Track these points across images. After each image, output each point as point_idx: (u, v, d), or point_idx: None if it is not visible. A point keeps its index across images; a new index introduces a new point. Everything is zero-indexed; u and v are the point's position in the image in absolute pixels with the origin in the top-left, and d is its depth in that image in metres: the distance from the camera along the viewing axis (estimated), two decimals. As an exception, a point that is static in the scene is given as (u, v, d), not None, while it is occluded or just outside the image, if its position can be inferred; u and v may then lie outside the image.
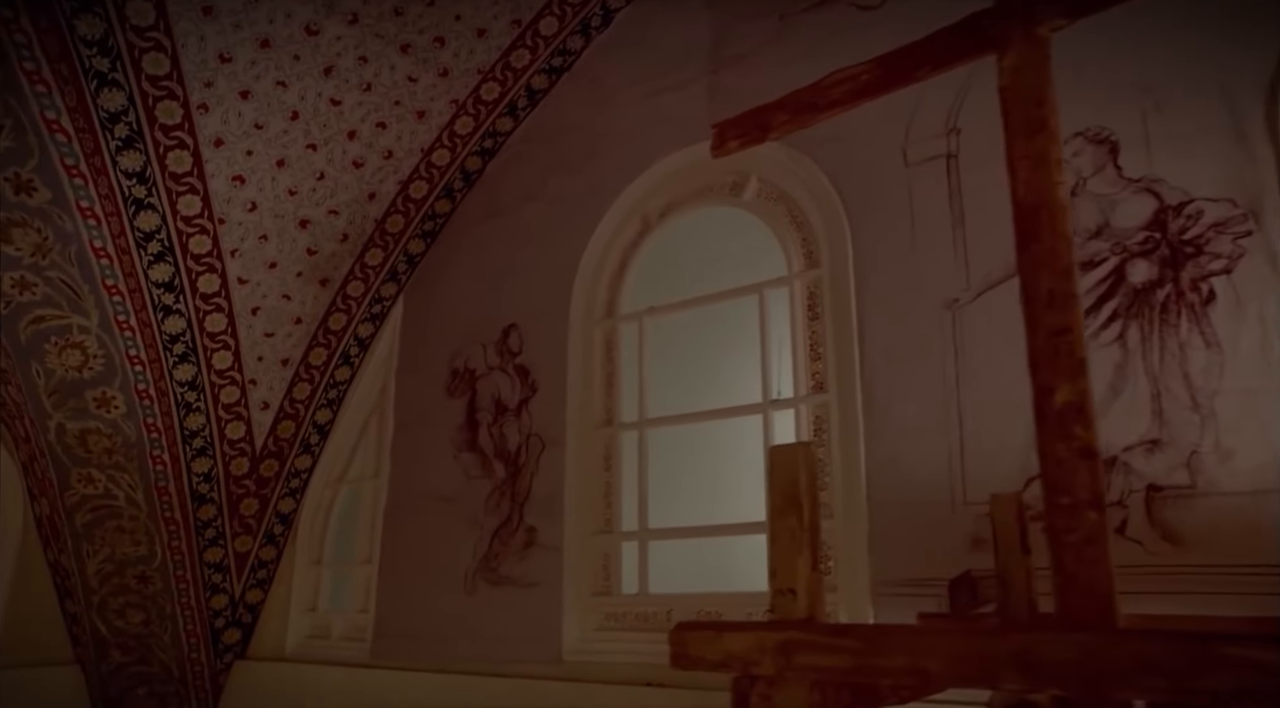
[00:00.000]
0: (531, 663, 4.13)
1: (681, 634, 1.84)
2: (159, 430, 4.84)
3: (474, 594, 4.50)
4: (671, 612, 3.83)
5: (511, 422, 4.60)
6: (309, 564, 5.55)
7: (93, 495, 4.92)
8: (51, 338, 4.43)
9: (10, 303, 4.29)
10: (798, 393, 3.67)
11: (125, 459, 4.84)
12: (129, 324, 4.49)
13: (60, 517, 4.99)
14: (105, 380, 4.59)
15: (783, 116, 2.14)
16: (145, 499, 4.97)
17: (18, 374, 4.54)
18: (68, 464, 4.81)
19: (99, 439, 4.75)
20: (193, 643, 5.38)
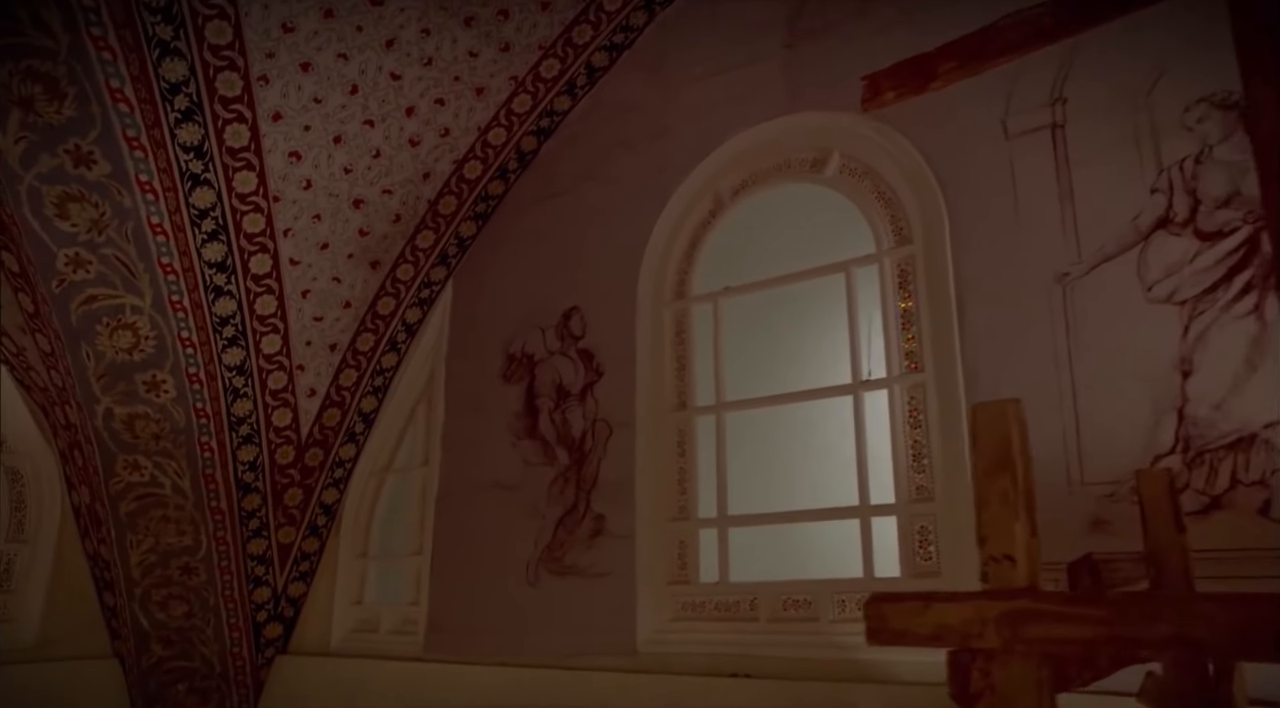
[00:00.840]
0: (603, 656, 4.00)
1: (880, 607, 1.72)
2: (208, 416, 4.69)
3: (537, 585, 4.37)
4: (755, 601, 3.70)
5: (575, 407, 4.47)
6: (354, 557, 5.41)
7: (138, 483, 4.77)
8: (103, 319, 4.28)
9: (64, 281, 4.13)
10: (891, 373, 3.55)
11: (173, 445, 4.68)
12: (182, 305, 4.34)
13: (103, 506, 4.83)
14: (156, 363, 4.44)
15: (949, 64, 2.01)
16: (192, 487, 4.81)
17: (66, 357, 4.38)
18: (114, 450, 4.66)
19: (147, 424, 4.60)
20: (235, 637, 5.23)
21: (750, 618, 3.69)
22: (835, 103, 3.93)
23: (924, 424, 3.43)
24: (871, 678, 3.25)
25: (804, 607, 3.56)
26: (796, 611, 3.57)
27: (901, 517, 3.41)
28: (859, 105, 3.82)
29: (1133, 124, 3.09)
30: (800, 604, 3.57)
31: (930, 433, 3.39)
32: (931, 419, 3.40)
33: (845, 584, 3.48)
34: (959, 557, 3.21)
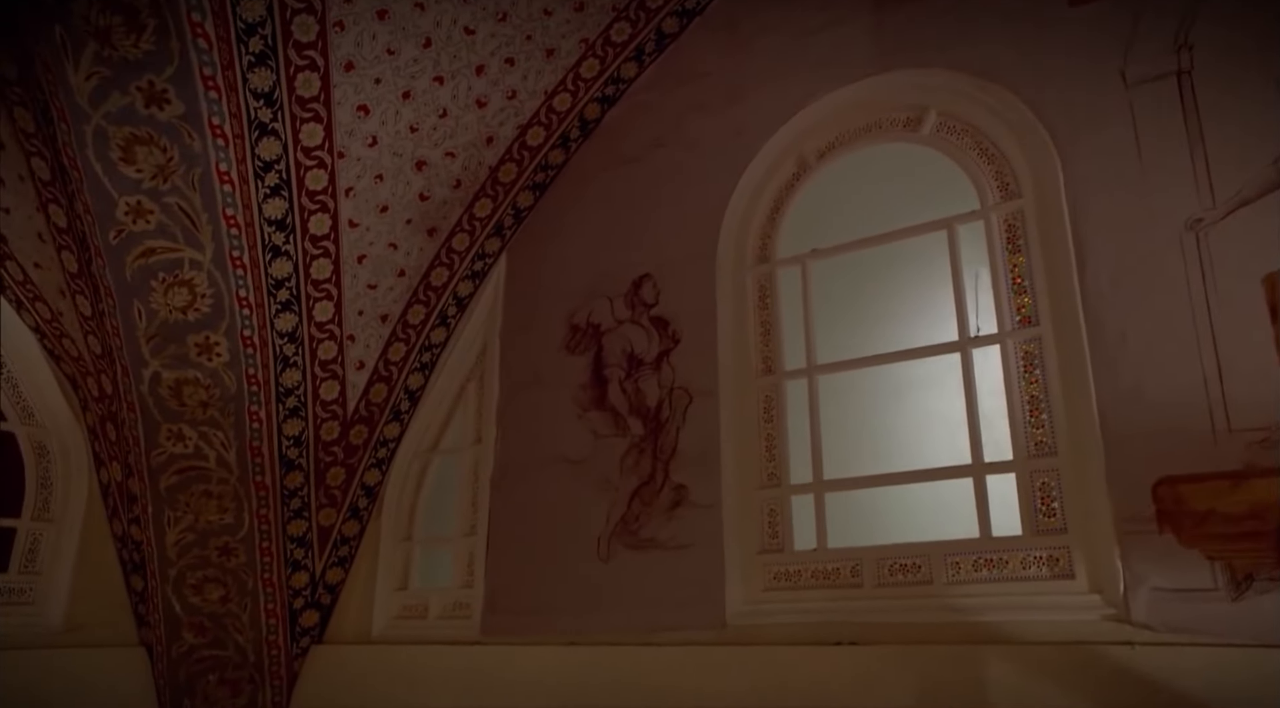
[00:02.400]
0: (688, 630, 3.82)
1: (1175, 488, 1.61)
2: (259, 383, 4.47)
3: (610, 561, 4.18)
4: (858, 566, 3.54)
5: (649, 376, 4.31)
6: (397, 541, 5.17)
7: (181, 455, 4.52)
8: (159, 274, 4.06)
9: (122, 232, 3.91)
10: (1003, 328, 3.45)
11: (221, 414, 4.45)
12: (242, 262, 4.14)
13: (141, 480, 4.57)
14: (210, 324, 4.22)
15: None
16: (237, 461, 4.58)
17: (115, 316, 4.15)
18: (158, 419, 4.41)
19: (195, 391, 4.36)
20: (272, 624, 4.98)
21: (853, 584, 3.53)
22: (930, 61, 3.86)
23: (1041, 379, 3.32)
24: (997, 639, 3.11)
25: (914, 571, 3.41)
26: (905, 575, 3.43)
27: (1021, 473, 3.28)
28: (955, 62, 3.78)
29: (1268, 65, 3.03)
30: (909, 568, 3.42)
31: (1049, 387, 3.28)
32: (1050, 373, 3.29)
33: (960, 545, 3.34)
34: (1087, 511, 3.09)
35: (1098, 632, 2.93)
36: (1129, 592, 2.91)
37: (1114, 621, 2.92)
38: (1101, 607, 2.96)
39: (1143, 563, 2.90)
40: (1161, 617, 2.83)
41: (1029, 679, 2.98)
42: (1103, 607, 2.96)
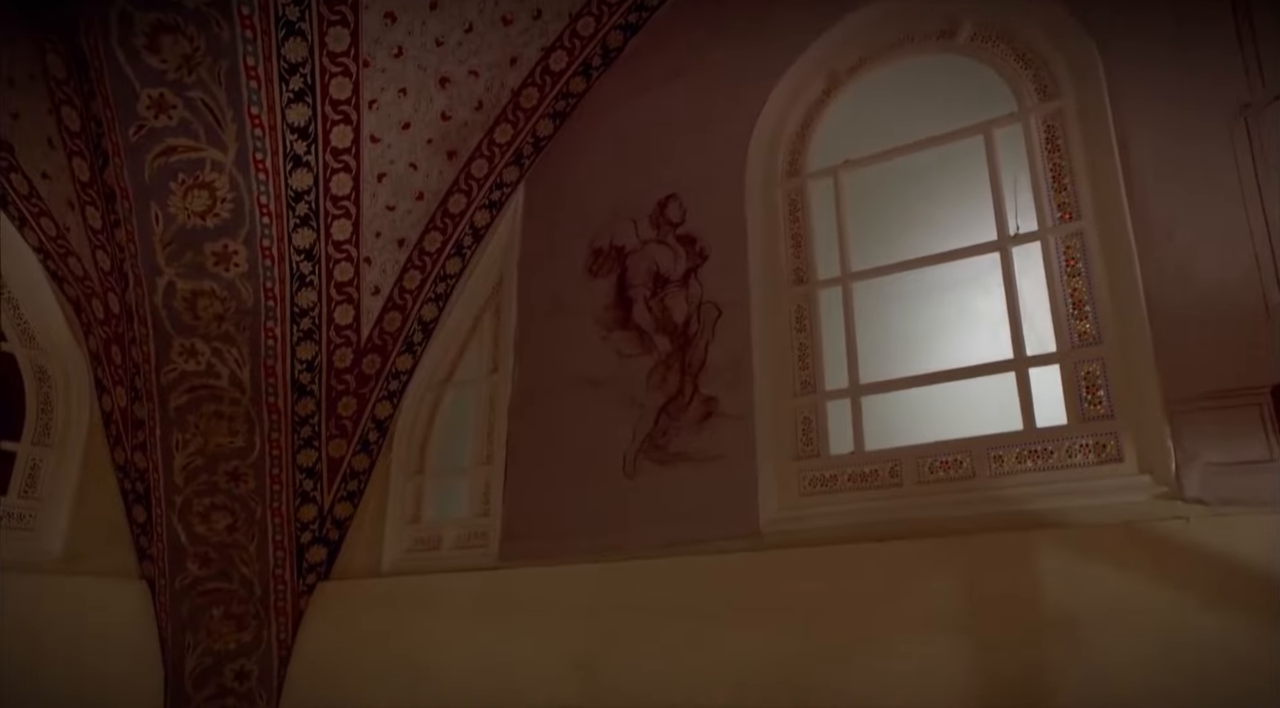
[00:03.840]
0: (719, 540, 3.75)
1: None
2: (275, 299, 4.37)
3: (636, 477, 4.11)
4: (897, 467, 3.51)
5: (676, 293, 4.26)
6: (409, 475, 5.06)
7: (193, 373, 4.40)
8: (179, 175, 3.95)
9: (142, 128, 3.81)
10: (1045, 225, 3.44)
11: (236, 329, 4.34)
12: (264, 166, 4.05)
13: (150, 400, 4.44)
14: (229, 231, 4.12)
15: None
16: (251, 380, 4.46)
17: (132, 220, 4.03)
18: (170, 333, 4.29)
19: (210, 303, 4.25)
20: (279, 556, 4.85)
21: (893, 484, 3.50)
22: (964, -28, 3.87)
23: (1083, 272, 3.31)
24: (1044, 524, 3.08)
25: (955, 467, 3.38)
26: (947, 472, 3.40)
27: (1065, 364, 3.27)
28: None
29: (1317, -51, 3.06)
30: (951, 465, 3.39)
31: (1093, 279, 3.28)
32: (1094, 265, 3.29)
33: (1003, 439, 3.31)
34: (1134, 397, 3.08)
35: (1149, 511, 2.91)
36: (1181, 469, 2.89)
37: (1166, 499, 2.90)
38: (1152, 486, 2.94)
39: (1196, 440, 2.89)
40: (1215, 491, 2.81)
41: (1079, 561, 2.96)
42: (1153, 486, 2.94)
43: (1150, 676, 2.73)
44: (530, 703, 3.99)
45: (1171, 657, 2.71)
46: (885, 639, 3.22)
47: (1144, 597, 2.81)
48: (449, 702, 4.27)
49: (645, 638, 3.75)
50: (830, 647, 3.32)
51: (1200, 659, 2.67)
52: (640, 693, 3.70)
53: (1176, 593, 2.76)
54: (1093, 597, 2.89)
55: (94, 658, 4.59)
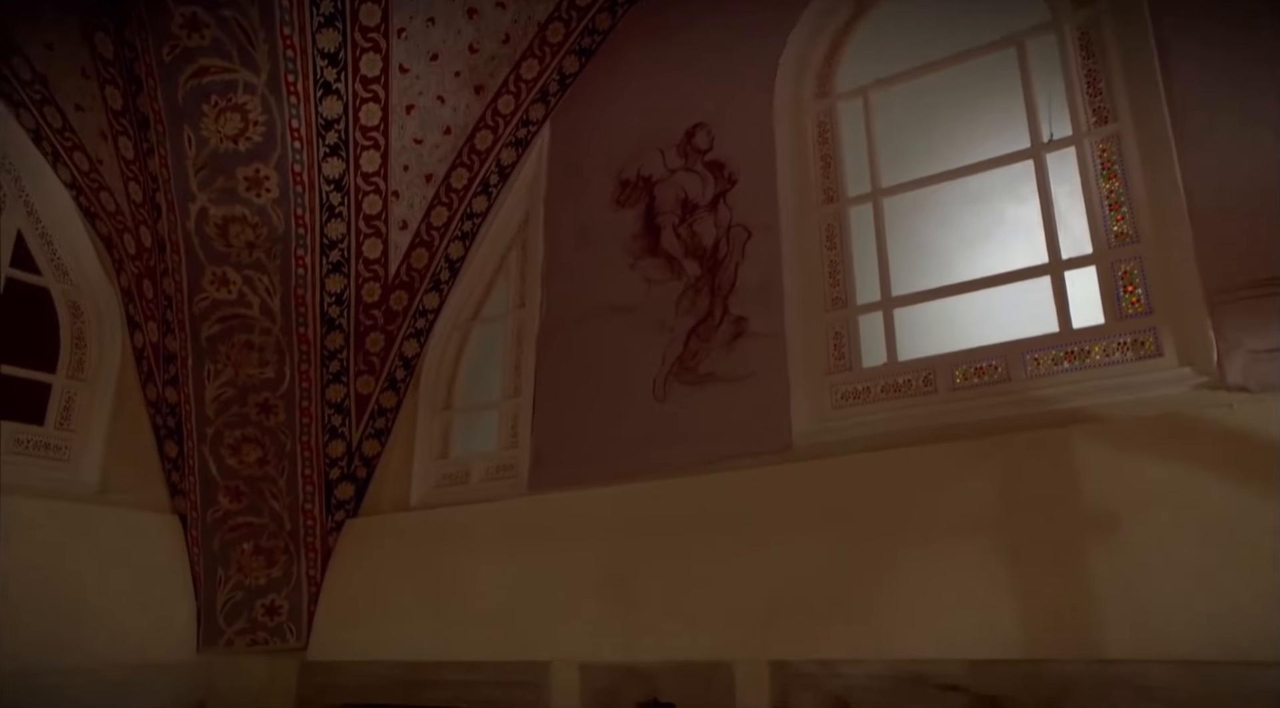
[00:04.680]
0: (750, 456, 3.75)
1: None
2: (306, 227, 4.40)
3: (666, 400, 4.11)
4: (930, 375, 3.49)
5: (705, 218, 4.26)
6: (436, 411, 5.09)
7: (224, 301, 4.43)
8: (212, 97, 3.98)
9: (176, 47, 3.84)
10: (1079, 129, 3.41)
11: (267, 257, 4.37)
12: (296, 90, 4.07)
13: (182, 331, 4.47)
14: (261, 155, 4.15)
15: None
16: (281, 309, 4.49)
17: (165, 145, 4.06)
18: (202, 261, 4.32)
19: (242, 230, 4.28)
20: (308, 491, 4.88)
21: (927, 392, 3.48)
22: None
23: (1120, 174, 3.29)
24: (1082, 420, 3.05)
25: (990, 372, 3.36)
26: (981, 377, 3.38)
27: (1101, 264, 3.24)
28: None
29: None
30: (985, 370, 3.38)
31: (1130, 180, 3.25)
32: (1130, 166, 3.26)
33: (1038, 342, 3.29)
34: (1173, 293, 3.05)
35: (1191, 401, 2.89)
36: (1223, 359, 2.86)
37: (1207, 388, 2.88)
38: (1193, 378, 2.92)
39: (1237, 330, 2.87)
40: (1259, 378, 2.78)
41: (1118, 455, 2.93)
42: (1194, 377, 2.91)
43: (1192, 563, 2.70)
44: (562, 625, 4.00)
45: (1215, 543, 2.69)
46: (920, 543, 3.20)
47: (1186, 485, 2.78)
48: (480, 629, 4.29)
49: (676, 554, 3.75)
50: (864, 553, 3.31)
51: (1244, 543, 2.64)
52: (671, 607, 3.70)
53: (1220, 479, 2.73)
54: (1133, 489, 2.86)
55: (129, 588, 4.63)
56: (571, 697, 3.89)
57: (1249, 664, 2.55)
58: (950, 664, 3.05)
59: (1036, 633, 2.92)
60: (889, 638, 3.18)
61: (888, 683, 3.17)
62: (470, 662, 4.27)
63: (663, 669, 3.67)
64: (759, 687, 3.43)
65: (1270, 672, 2.52)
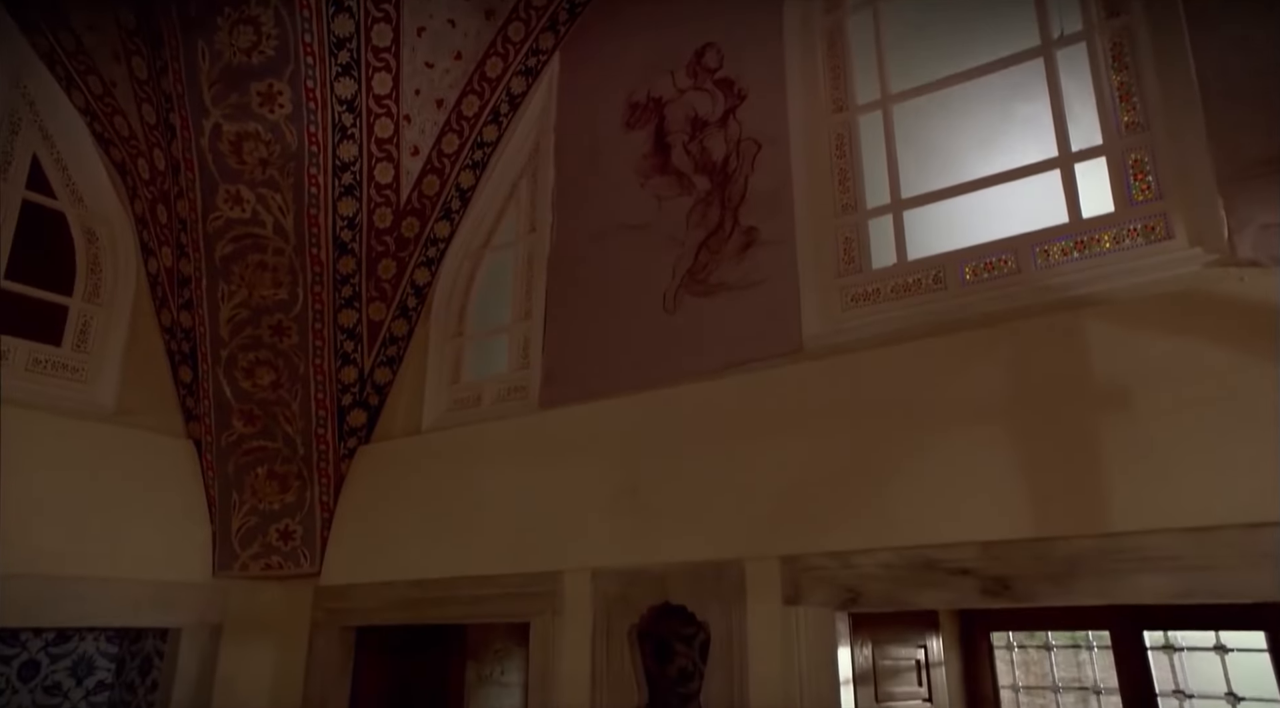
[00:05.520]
0: (760, 360, 3.77)
1: None
2: (319, 145, 4.42)
3: (676, 312, 4.13)
4: (941, 273, 3.50)
5: (715, 134, 4.27)
6: (447, 338, 5.13)
7: (238, 220, 4.47)
8: (225, 9, 4.01)
9: (188, -45, 3.87)
10: (1090, 23, 3.41)
11: (280, 175, 4.40)
12: (308, 2, 4.09)
13: (197, 251, 4.52)
14: (274, 70, 4.17)
15: None
16: (294, 229, 4.53)
17: (180, 59, 4.10)
18: (216, 178, 4.36)
19: (255, 147, 4.31)
20: (321, 416, 4.92)
21: (936, 289, 3.49)
22: None
23: (1131, 65, 3.28)
24: (1095, 302, 3.06)
25: (1000, 266, 3.37)
26: (991, 272, 3.39)
27: (1112, 154, 3.25)
28: None
29: None
30: (995, 265, 3.39)
31: (1141, 70, 3.25)
32: (1142, 57, 3.25)
33: (1048, 233, 3.30)
34: (1184, 177, 3.05)
35: (1201, 278, 2.89)
36: (1233, 236, 2.87)
37: (1218, 265, 2.88)
38: (1203, 257, 2.92)
39: (1248, 206, 2.87)
40: (1270, 249, 2.79)
41: (1129, 334, 2.94)
42: (1204, 257, 2.92)
43: (1200, 432, 2.72)
44: (574, 535, 4.04)
45: (1223, 411, 2.70)
46: (931, 433, 3.22)
47: (1196, 359, 2.79)
48: (491, 545, 4.33)
49: (687, 459, 3.78)
50: (874, 446, 3.33)
51: (1252, 409, 2.65)
52: (682, 510, 3.73)
53: (1229, 351, 2.74)
54: (1144, 366, 2.87)
55: (146, 510, 4.69)
56: (583, 604, 3.93)
57: (1253, 526, 2.57)
58: (961, 548, 3.07)
59: (1045, 512, 2.93)
60: (900, 527, 3.21)
61: (899, 571, 3.19)
62: (482, 576, 4.31)
63: (673, 571, 3.70)
64: (770, 583, 3.46)
65: (1275, 531, 2.53)
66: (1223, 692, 4.02)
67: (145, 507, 4.69)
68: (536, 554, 4.13)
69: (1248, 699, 3.95)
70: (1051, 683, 4.56)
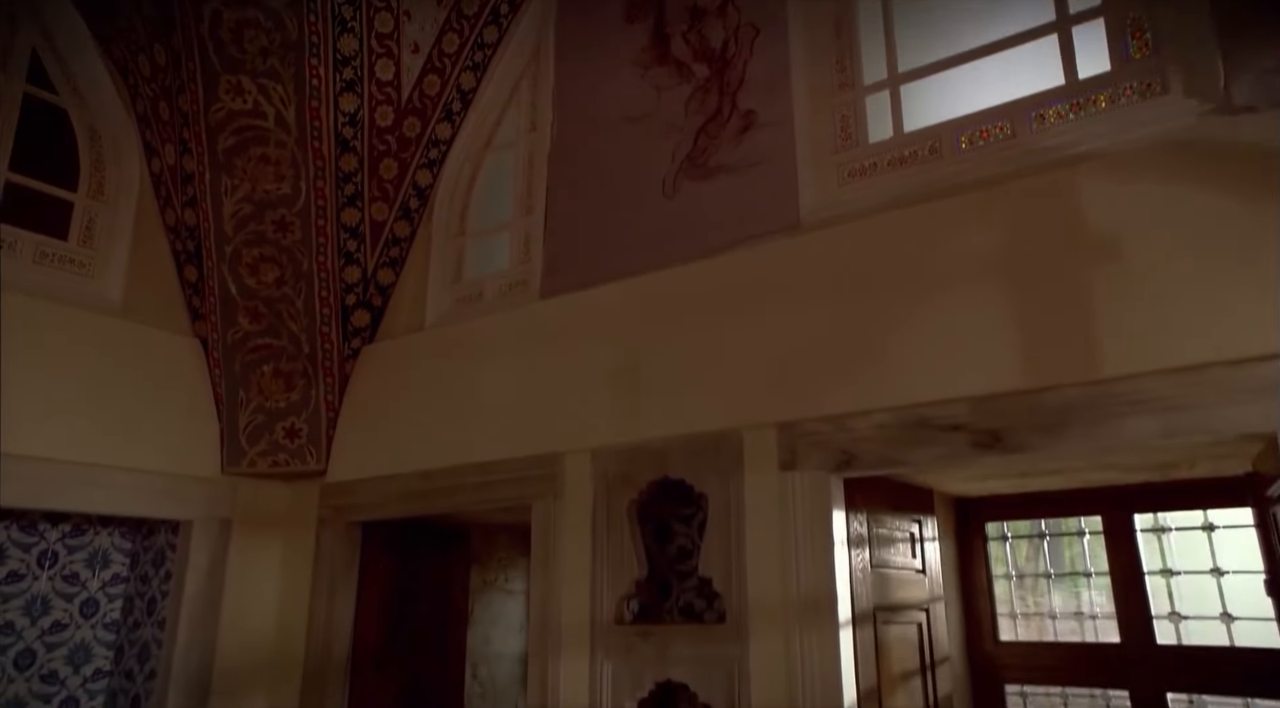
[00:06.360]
0: (758, 237, 3.80)
1: None
2: (319, 36, 4.43)
3: (675, 197, 4.16)
4: (937, 143, 3.52)
5: (714, 22, 4.26)
6: (450, 237, 5.17)
7: (240, 112, 4.49)
8: (221, -112, 4.01)
9: None
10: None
11: (280, 64, 4.41)
12: (304, -116, 4.08)
13: (200, 144, 4.54)
14: (272, -47, 4.17)
15: None
16: (296, 121, 4.55)
17: (177, -60, 4.10)
18: (217, 68, 4.37)
19: (256, 36, 4.32)
20: (325, 314, 4.98)
21: (932, 159, 3.51)
22: None
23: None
24: (1090, 159, 3.08)
25: (996, 133, 3.39)
26: (988, 138, 3.41)
27: (1110, 16, 3.25)
28: None
29: None
30: (991, 133, 3.40)
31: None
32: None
33: (1044, 97, 3.30)
34: (1182, 34, 3.05)
35: (1197, 128, 2.91)
36: (1230, 83, 2.88)
37: (1213, 114, 2.89)
38: (1198, 108, 2.93)
39: (1245, 54, 2.88)
40: (1266, 94, 2.80)
41: (1123, 186, 2.97)
42: (1200, 107, 2.93)
43: (1192, 275, 2.75)
44: (575, 417, 4.10)
45: (1216, 254, 2.73)
46: (926, 295, 3.26)
47: (1191, 205, 2.82)
48: (494, 433, 4.40)
49: (686, 336, 3.83)
50: (869, 312, 3.38)
51: (1245, 250, 2.68)
52: (681, 386, 3.79)
53: (1226, 194, 2.77)
54: (1138, 215, 2.90)
55: (156, 405, 4.78)
56: (584, 484, 4.01)
57: (1237, 363, 2.61)
58: (953, 404, 3.13)
59: (1037, 364, 2.98)
60: (894, 387, 3.26)
61: (893, 431, 3.25)
62: (484, 462, 4.40)
63: (673, 445, 3.77)
64: (766, 451, 3.53)
65: (1263, 366, 2.58)
66: (1209, 567, 4.11)
67: (154, 402, 4.77)
68: (538, 438, 4.21)
69: (1231, 572, 4.04)
70: (1044, 570, 4.64)
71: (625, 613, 3.81)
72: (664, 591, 3.95)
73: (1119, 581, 4.22)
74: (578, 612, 3.87)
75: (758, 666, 3.35)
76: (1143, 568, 4.14)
